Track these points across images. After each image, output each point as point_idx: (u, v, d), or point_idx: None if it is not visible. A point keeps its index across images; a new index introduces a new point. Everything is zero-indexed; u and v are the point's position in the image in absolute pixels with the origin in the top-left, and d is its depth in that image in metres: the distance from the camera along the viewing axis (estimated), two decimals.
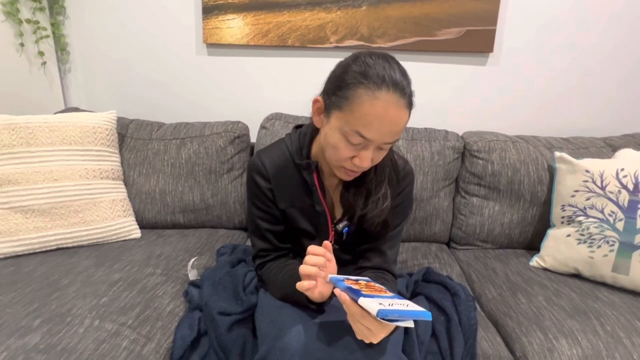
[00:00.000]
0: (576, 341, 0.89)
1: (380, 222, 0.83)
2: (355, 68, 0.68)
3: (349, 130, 0.69)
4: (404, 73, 0.69)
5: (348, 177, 0.78)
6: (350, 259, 0.93)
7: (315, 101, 0.77)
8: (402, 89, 0.67)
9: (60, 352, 0.75)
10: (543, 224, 1.30)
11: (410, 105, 0.69)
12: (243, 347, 0.84)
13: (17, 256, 1.11)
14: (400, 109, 0.67)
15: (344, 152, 0.72)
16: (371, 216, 0.81)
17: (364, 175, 0.82)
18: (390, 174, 0.84)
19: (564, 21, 1.46)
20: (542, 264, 1.21)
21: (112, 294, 0.94)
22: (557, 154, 1.24)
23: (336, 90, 0.70)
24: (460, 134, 1.43)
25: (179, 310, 0.94)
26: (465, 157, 1.38)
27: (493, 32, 1.46)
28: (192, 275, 1.05)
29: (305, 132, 0.85)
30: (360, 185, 0.83)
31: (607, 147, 1.39)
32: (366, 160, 0.71)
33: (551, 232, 1.23)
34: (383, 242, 0.88)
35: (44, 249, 1.15)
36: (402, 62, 0.70)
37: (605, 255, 1.09)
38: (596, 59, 1.50)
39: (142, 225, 1.35)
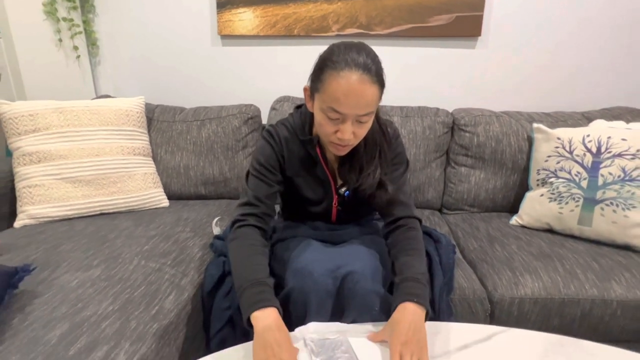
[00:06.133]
0: (538, 277, 1.06)
1: (373, 191, 0.95)
2: (324, 56, 0.83)
3: (325, 108, 0.81)
4: (372, 57, 0.80)
5: (339, 152, 0.89)
6: (351, 218, 1.10)
7: (304, 90, 0.92)
8: (364, 66, 0.77)
9: (118, 280, 0.95)
10: (523, 188, 1.46)
11: (377, 81, 0.79)
12: None
13: (69, 219, 1.31)
14: (364, 83, 0.77)
15: (327, 127, 0.84)
16: (364, 187, 0.96)
17: (356, 152, 0.95)
18: (382, 147, 0.96)
19: (546, 5, 1.60)
20: (520, 221, 1.37)
21: (151, 243, 1.14)
22: (535, 125, 1.39)
23: (314, 77, 0.85)
24: (451, 111, 1.59)
25: (207, 257, 1.13)
26: (454, 131, 1.54)
27: (480, 17, 1.60)
28: (216, 231, 1.25)
29: (306, 112, 0.99)
30: (353, 162, 0.97)
31: (584, 119, 1.52)
32: (346, 132, 0.81)
33: (528, 194, 1.38)
34: (397, 192, 0.97)
35: (90, 214, 1.35)
36: (397, 47, 0.84)
37: (572, 210, 1.24)
38: (578, 39, 1.63)
39: (169, 196, 1.54)
